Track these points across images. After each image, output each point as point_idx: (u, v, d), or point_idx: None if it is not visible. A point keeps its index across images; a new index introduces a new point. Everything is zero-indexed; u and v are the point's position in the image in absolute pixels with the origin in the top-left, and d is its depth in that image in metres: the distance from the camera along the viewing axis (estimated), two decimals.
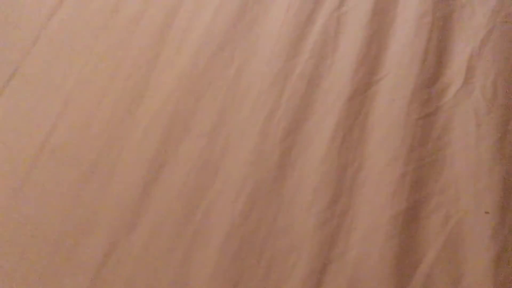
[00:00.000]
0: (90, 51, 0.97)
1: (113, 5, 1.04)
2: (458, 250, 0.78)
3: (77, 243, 0.78)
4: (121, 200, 0.82)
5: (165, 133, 0.89)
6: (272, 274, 0.76)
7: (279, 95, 0.93)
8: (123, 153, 0.86)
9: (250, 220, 0.81)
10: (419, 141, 0.87)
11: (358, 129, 0.89)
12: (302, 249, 0.78)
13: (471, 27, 1.00)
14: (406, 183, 0.83)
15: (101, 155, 0.85)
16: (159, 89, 0.93)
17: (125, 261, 0.77)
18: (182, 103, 0.92)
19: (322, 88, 0.94)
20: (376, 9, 1.02)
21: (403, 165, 0.85)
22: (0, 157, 0.86)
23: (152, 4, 1.03)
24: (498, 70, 0.94)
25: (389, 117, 0.90)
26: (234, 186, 0.84)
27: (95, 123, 0.89)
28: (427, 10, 1.02)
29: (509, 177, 0.83)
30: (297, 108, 0.92)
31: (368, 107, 0.92)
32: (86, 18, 1.02)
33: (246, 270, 0.76)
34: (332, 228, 0.80)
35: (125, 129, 0.89)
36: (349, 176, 0.85)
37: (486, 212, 0.80)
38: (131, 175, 0.84)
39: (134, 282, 0.75)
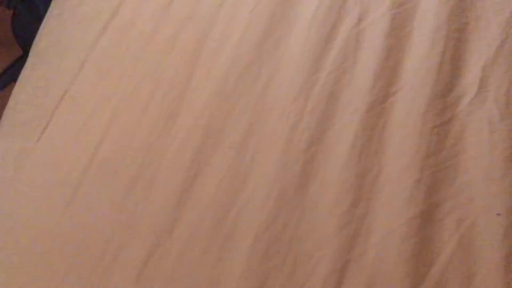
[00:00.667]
0: (131, 73, 1.08)
1: (150, 31, 1.14)
2: (471, 251, 0.83)
3: (123, 246, 0.88)
4: (161, 207, 0.91)
5: (199, 146, 0.98)
6: (297, 273, 0.84)
7: (302, 108, 1.01)
8: (161, 165, 0.96)
9: (276, 224, 0.88)
10: (434, 149, 0.93)
11: (376, 138, 0.96)
12: (324, 250, 0.85)
13: (485, 38, 1.05)
14: (421, 188, 0.89)
15: (142, 167, 0.95)
16: (193, 106, 1.03)
17: (165, 261, 0.86)
18: (214, 118, 1.01)
19: (342, 101, 1.01)
20: (393, 24, 1.09)
21: (419, 171, 0.91)
22: (53, 171, 0.97)
23: (185, 28, 1.12)
24: (510, 80, 0.98)
25: (406, 126, 0.96)
26: (262, 193, 0.92)
27: (136, 138, 0.99)
28: (442, 23, 1.07)
29: None
30: (319, 120, 0.99)
31: (386, 117, 0.98)
32: (127, 43, 1.12)
33: (273, 269, 0.84)
34: (352, 231, 0.87)
35: (162, 143, 0.98)
36: (367, 182, 0.91)
37: (498, 214, 0.85)
38: (168, 185, 0.94)
39: (173, 280, 0.84)
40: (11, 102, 1.07)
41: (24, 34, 1.40)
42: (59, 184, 0.96)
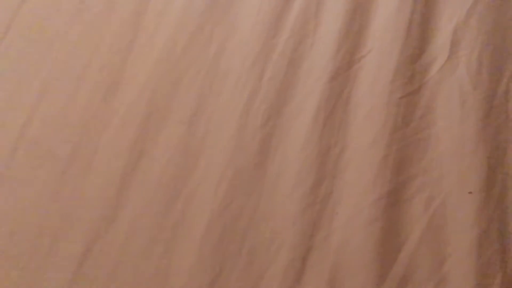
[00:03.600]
0: (62, 39, 0.94)
1: None
2: (441, 232, 0.77)
3: (57, 239, 0.77)
4: (100, 192, 0.81)
5: (143, 122, 0.87)
6: (255, 263, 0.76)
7: (259, 77, 0.91)
8: (100, 144, 0.85)
9: (232, 208, 0.80)
10: (402, 121, 0.85)
11: (340, 110, 0.87)
12: (284, 236, 0.77)
13: None
14: (388, 165, 0.82)
15: (77, 147, 0.84)
16: (135, 76, 0.91)
17: (106, 254, 0.77)
18: (160, 90, 0.90)
19: (303, 69, 0.92)
20: None
21: (386, 146, 0.83)
22: None
23: None
24: (483, 44, 0.91)
25: (372, 96, 0.88)
26: (215, 174, 0.83)
27: (71, 114, 0.87)
28: None
29: (493, 157, 0.81)
30: (277, 90, 0.90)
31: (351, 87, 0.89)
32: (57, 5, 0.98)
33: (228, 259, 0.76)
34: (315, 214, 0.79)
35: (101, 119, 0.87)
36: (331, 160, 0.83)
37: (470, 193, 0.79)
38: (109, 166, 0.83)
39: (115, 276, 0.75)
40: None
41: None
42: None
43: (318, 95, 0.89)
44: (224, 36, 0.95)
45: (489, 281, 0.73)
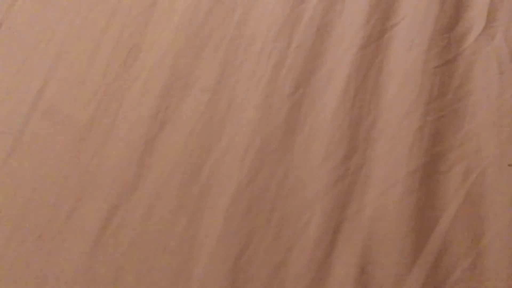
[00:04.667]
0: (79, 1, 0.90)
1: None
2: (479, 205, 0.73)
3: (76, 206, 0.74)
4: (121, 160, 0.77)
5: (165, 88, 0.83)
6: (283, 235, 0.72)
7: (287, 45, 0.87)
8: (121, 110, 0.81)
9: (259, 179, 0.76)
10: (437, 91, 0.81)
11: (372, 80, 0.83)
12: (314, 209, 0.74)
13: None
14: (424, 136, 0.78)
15: (97, 113, 0.80)
16: (157, 40, 0.87)
17: (127, 224, 0.73)
18: (182, 56, 0.86)
19: (332, 36, 0.87)
20: None
21: (421, 117, 0.79)
22: None
23: None
24: None
25: (405, 66, 0.84)
26: (241, 144, 0.79)
27: (89, 78, 0.83)
28: None
29: None
30: (306, 58, 0.86)
31: (383, 55, 0.85)
32: None
33: (255, 231, 0.72)
34: (346, 186, 0.76)
35: (121, 84, 0.83)
36: (363, 131, 0.79)
37: (509, 165, 0.75)
38: (130, 133, 0.79)
39: (137, 247, 0.71)
40: None
41: None
42: None
43: (348, 64, 0.84)
44: (248, 2, 0.91)
45: None
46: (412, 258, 0.70)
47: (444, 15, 0.88)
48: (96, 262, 0.70)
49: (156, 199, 0.74)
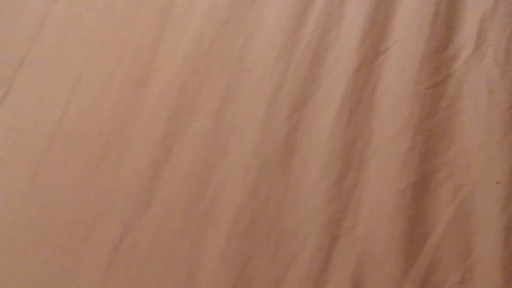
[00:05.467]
0: (94, 34, 0.97)
1: None
2: (468, 222, 0.77)
3: (93, 227, 0.81)
4: (133, 182, 0.83)
5: (173, 114, 0.90)
6: (281, 252, 0.78)
7: (285, 69, 0.92)
8: (132, 136, 0.87)
9: (259, 198, 0.82)
10: (428, 112, 0.86)
11: (365, 101, 0.88)
12: (310, 226, 0.79)
13: None
14: (415, 155, 0.82)
15: (110, 139, 0.87)
16: (165, 69, 0.93)
17: (139, 242, 0.79)
18: (188, 83, 0.92)
19: (328, 61, 0.93)
20: None
21: (412, 137, 0.84)
22: (14, 145, 0.88)
23: None
24: (511, 33, 0.90)
25: (397, 87, 0.88)
26: (242, 165, 0.84)
27: (103, 107, 0.90)
28: None
29: None
30: (303, 82, 0.91)
31: (376, 78, 0.90)
32: (89, 2, 1.01)
33: (256, 248, 0.78)
34: (341, 204, 0.80)
35: (132, 111, 0.90)
36: (357, 151, 0.84)
37: (497, 183, 0.79)
38: (141, 158, 0.86)
39: (149, 262, 0.78)
40: None
41: None
42: (21, 159, 0.87)
43: (343, 86, 0.89)
44: (250, 29, 0.97)
45: None
46: (404, 273, 0.75)
47: (435, 37, 0.92)
48: (111, 279, 0.77)
49: (164, 220, 0.81)
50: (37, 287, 0.77)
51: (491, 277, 0.73)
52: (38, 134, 0.89)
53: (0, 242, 0.81)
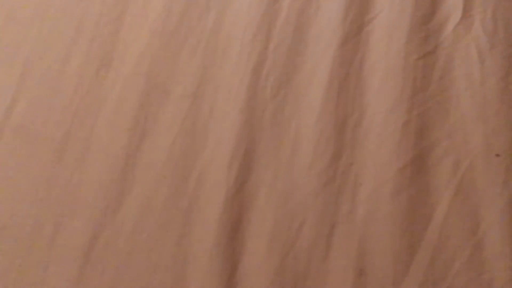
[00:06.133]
0: (45, 11, 0.85)
1: None
2: (471, 196, 0.73)
3: (58, 229, 0.70)
4: (102, 176, 0.73)
5: (143, 98, 0.80)
6: (277, 242, 0.70)
7: (265, 45, 0.85)
8: (97, 124, 0.77)
9: (247, 187, 0.74)
10: (420, 84, 0.81)
11: (354, 76, 0.82)
12: (306, 213, 0.72)
13: None
14: (410, 131, 0.77)
15: (72, 129, 0.76)
16: (130, 48, 0.83)
17: (115, 243, 0.70)
18: (158, 63, 0.82)
19: (310, 35, 0.86)
20: None
21: (406, 111, 0.78)
22: None
23: None
24: (496, 1, 0.86)
25: (386, 60, 0.83)
26: (227, 150, 0.76)
27: (60, 93, 0.79)
28: None
29: None
30: (285, 59, 0.84)
31: (363, 51, 0.84)
32: None
33: (249, 241, 0.70)
34: (336, 187, 0.74)
35: (95, 96, 0.79)
36: (349, 129, 0.78)
37: (497, 155, 0.75)
38: (109, 148, 0.75)
39: (126, 267, 0.68)
40: None
41: None
42: None
43: (329, 61, 0.83)
44: (222, 2, 0.88)
45: None
46: (409, 257, 0.70)
47: (420, 6, 0.87)
48: (84, 287, 0.66)
49: (142, 215, 0.71)
50: None
51: (501, 252, 0.69)
52: None
53: None
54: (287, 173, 0.75)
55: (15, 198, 0.72)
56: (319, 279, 0.68)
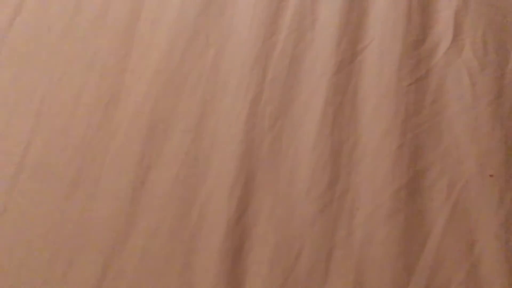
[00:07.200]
0: (56, 56, 0.92)
1: (74, 5, 0.97)
2: (466, 217, 0.74)
3: (71, 262, 0.74)
4: (111, 210, 0.78)
5: (148, 134, 0.84)
6: (276, 268, 0.73)
7: (262, 78, 0.89)
8: (106, 160, 0.82)
9: (248, 215, 0.77)
10: (413, 108, 0.83)
11: (348, 103, 0.85)
12: (304, 239, 0.75)
13: None
14: (405, 154, 0.79)
15: (82, 166, 0.81)
16: (135, 88, 0.88)
17: (123, 275, 0.74)
18: (161, 100, 0.87)
19: (305, 65, 0.89)
20: None
21: (400, 135, 0.81)
22: None
23: (114, 0, 0.96)
24: (486, 23, 0.89)
25: (379, 86, 0.86)
26: (227, 181, 0.80)
27: (72, 132, 0.84)
28: None
29: (510, 136, 0.79)
30: (282, 90, 0.87)
31: (356, 79, 0.87)
32: (48, 22, 0.95)
33: (250, 268, 0.73)
34: (333, 212, 0.77)
35: (104, 135, 0.84)
36: (345, 155, 0.81)
37: (491, 176, 0.76)
38: (117, 183, 0.80)
39: None
40: None
41: None
42: None
43: (324, 90, 0.86)
44: (221, 39, 0.93)
45: None
46: (406, 278, 0.71)
47: (411, 32, 0.90)
48: None
49: (148, 246, 0.75)
50: None
51: (497, 272, 0.70)
52: (3, 167, 0.83)
53: None
54: (286, 201, 0.78)
55: (32, 233, 0.77)
56: None
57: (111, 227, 0.77)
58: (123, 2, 0.96)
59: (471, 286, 0.70)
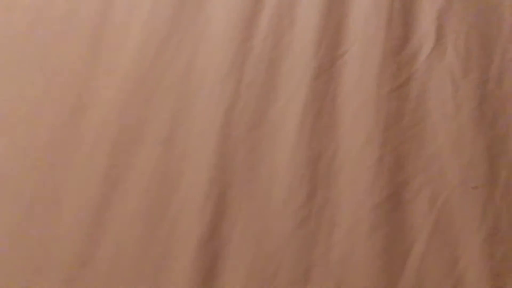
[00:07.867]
0: (16, 61, 0.86)
1: (41, 5, 0.92)
2: (449, 232, 0.71)
3: (29, 286, 0.69)
4: (72, 229, 0.73)
5: (115, 146, 0.79)
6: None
7: (237, 84, 0.84)
8: (69, 175, 0.76)
9: (221, 232, 0.73)
10: (394, 117, 0.80)
11: (327, 111, 0.81)
12: (281, 257, 0.71)
13: None
14: (385, 166, 0.76)
15: (42, 183, 0.76)
16: (102, 96, 0.83)
17: None
18: (130, 109, 0.82)
19: (283, 70, 0.85)
20: None
21: (380, 146, 0.77)
22: None
23: (83, 1, 0.91)
24: (469, 26, 0.86)
25: (359, 93, 0.82)
26: (199, 195, 0.75)
27: (32, 145, 0.79)
28: None
29: (493, 146, 0.76)
30: (258, 96, 0.83)
31: (336, 85, 0.83)
32: (12, 23, 0.90)
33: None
34: (312, 228, 0.73)
35: (68, 147, 0.79)
36: (323, 166, 0.77)
37: (474, 187, 0.73)
38: (80, 199, 0.75)
39: None
40: None
41: None
42: None
43: (302, 96, 0.82)
44: (194, 44, 0.88)
45: (506, 280, 0.68)
46: None
47: (392, 36, 0.86)
48: None
49: (113, 267, 0.70)
50: None
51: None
52: None
53: None
54: (261, 215, 0.74)
55: None
56: None
57: (71, 248, 0.71)
58: (90, 4, 0.91)
59: None
